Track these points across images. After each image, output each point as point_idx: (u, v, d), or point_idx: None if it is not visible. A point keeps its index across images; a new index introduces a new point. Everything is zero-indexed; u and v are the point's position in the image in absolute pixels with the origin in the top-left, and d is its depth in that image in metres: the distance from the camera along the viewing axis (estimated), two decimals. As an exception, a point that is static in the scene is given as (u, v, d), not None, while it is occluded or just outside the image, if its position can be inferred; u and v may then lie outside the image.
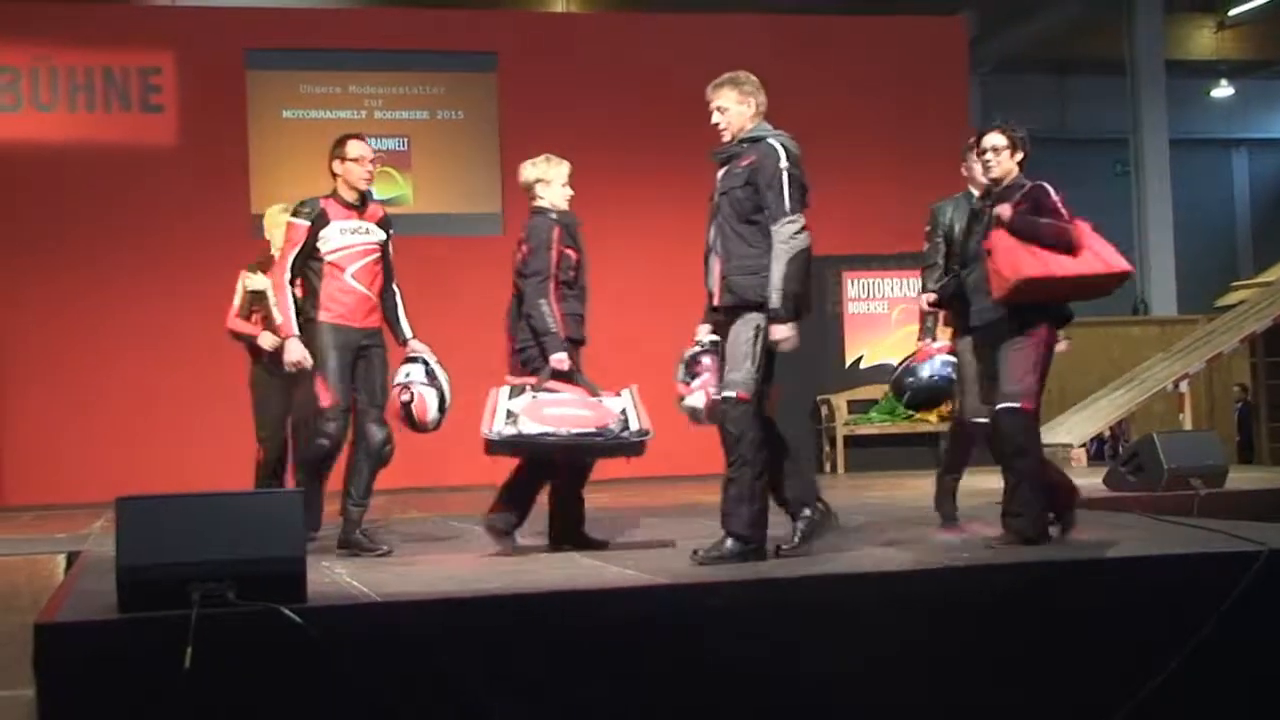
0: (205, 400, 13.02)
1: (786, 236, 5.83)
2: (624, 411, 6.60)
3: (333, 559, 6.48)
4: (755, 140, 6.01)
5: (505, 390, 6.58)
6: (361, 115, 14.93)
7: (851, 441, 14.26)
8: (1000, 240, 6.13)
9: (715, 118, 6.11)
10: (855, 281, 14.79)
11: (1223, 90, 24.92)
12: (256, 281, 8.30)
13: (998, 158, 6.36)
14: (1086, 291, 6.24)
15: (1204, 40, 23.66)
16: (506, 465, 6.83)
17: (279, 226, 7.66)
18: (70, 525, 9.43)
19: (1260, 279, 16.52)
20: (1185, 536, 6.29)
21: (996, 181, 6.38)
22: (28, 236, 13.82)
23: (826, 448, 14.44)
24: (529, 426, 6.43)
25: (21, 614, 6.10)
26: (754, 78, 6.15)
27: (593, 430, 6.49)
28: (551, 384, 6.55)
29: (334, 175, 6.97)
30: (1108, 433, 14.62)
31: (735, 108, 6.07)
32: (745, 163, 5.98)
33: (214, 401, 12.26)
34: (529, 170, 6.89)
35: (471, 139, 15.16)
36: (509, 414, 6.45)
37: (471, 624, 4.81)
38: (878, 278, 14.82)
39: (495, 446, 6.47)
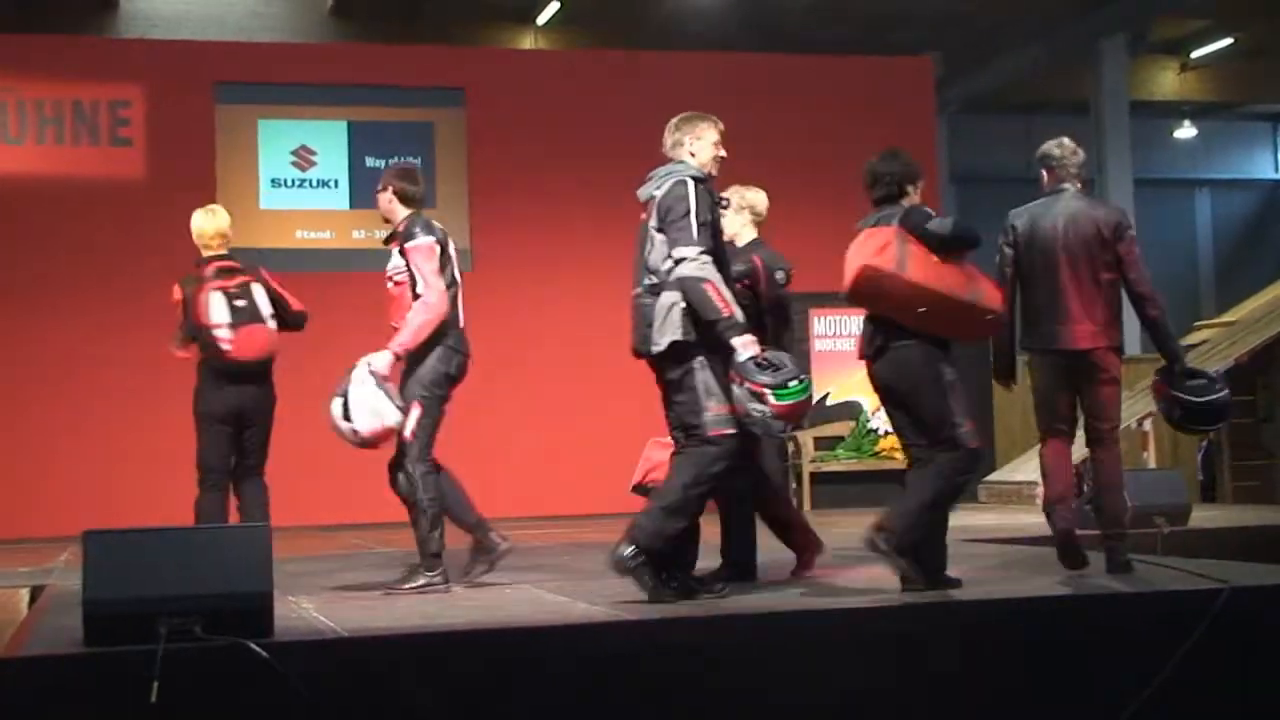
0: (171, 434, 12.94)
1: None
2: None
3: (299, 594, 6.47)
4: None
5: None
6: (330, 150, 14.97)
7: (817, 478, 14.30)
8: (872, 233, 5.96)
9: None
10: (822, 319, 14.84)
11: (1186, 131, 25.17)
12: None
13: None
14: (945, 319, 5.89)
15: (1168, 82, 23.90)
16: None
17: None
18: (33, 559, 9.38)
19: (1223, 319, 16.61)
20: (1149, 575, 6.33)
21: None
22: (-6, 269, 13.79)
23: (793, 484, 14.46)
24: None
25: (-15, 648, 6.06)
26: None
27: None
28: None
29: None
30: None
31: None
32: None
33: (180, 435, 12.21)
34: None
35: (440, 174, 15.18)
36: None
37: (438, 659, 4.81)
38: (845, 315, 14.88)
39: None
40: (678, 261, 5.70)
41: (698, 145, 6.00)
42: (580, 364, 14.39)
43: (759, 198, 6.94)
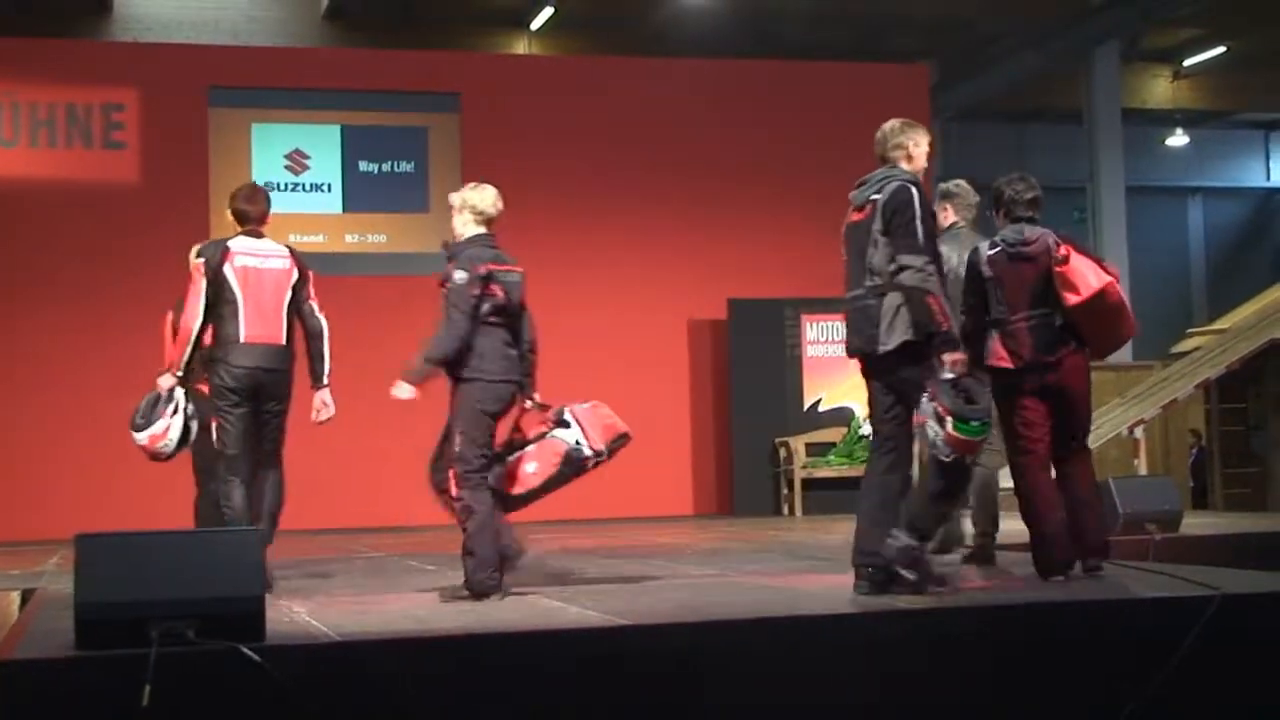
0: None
1: None
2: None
3: (291, 599, 6.46)
4: None
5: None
6: (324, 154, 14.96)
7: (809, 484, 14.29)
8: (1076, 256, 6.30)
9: None
10: (814, 324, 14.86)
11: (1178, 139, 25.21)
12: None
13: None
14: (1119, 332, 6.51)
15: (1160, 90, 23.94)
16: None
17: None
18: (22, 562, 9.36)
19: (1215, 326, 16.65)
20: (1140, 581, 6.34)
21: None
22: (-14, 271, 13.77)
23: (784, 490, 14.47)
24: None
25: (-24, 651, 6.04)
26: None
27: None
28: None
29: None
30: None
31: None
32: None
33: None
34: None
35: (434, 179, 15.18)
36: None
37: (430, 664, 4.80)
38: (837, 321, 14.85)
39: None
40: (902, 268, 5.79)
41: (917, 151, 6.12)
42: (573, 368, 14.35)
43: (480, 196, 6.91)
